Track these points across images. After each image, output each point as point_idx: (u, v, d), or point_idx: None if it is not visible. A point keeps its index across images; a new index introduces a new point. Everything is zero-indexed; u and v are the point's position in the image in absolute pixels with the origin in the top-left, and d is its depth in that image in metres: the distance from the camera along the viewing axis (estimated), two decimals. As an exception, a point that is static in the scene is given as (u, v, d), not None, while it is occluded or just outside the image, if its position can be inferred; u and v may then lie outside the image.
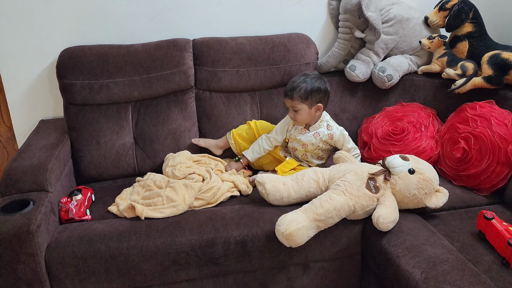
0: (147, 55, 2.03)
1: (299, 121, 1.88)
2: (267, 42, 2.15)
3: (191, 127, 2.10)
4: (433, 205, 1.63)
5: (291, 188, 1.69)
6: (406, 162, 1.63)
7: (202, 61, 2.10)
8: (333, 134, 1.90)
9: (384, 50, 2.22)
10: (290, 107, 1.86)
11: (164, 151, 2.06)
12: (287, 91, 1.83)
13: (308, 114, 1.85)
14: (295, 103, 1.82)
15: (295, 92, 1.81)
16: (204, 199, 1.75)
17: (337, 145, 1.94)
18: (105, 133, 2.02)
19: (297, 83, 1.82)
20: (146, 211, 1.67)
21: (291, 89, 1.82)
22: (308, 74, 1.86)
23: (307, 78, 1.83)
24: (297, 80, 1.84)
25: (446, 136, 1.96)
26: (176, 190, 1.73)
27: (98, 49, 2.03)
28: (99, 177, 2.03)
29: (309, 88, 1.80)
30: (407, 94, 2.23)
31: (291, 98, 1.82)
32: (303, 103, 1.82)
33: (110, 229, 1.60)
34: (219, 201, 1.77)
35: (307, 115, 1.85)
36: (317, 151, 1.95)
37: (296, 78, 1.85)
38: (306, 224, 1.54)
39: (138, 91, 2.05)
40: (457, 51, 2.16)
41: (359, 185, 1.62)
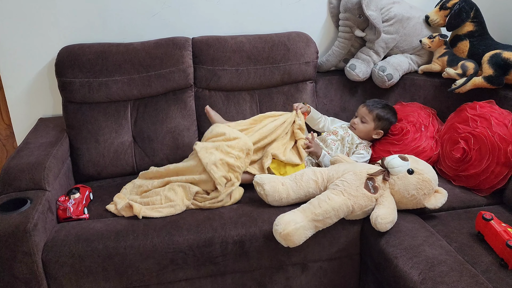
0: (147, 53, 2.03)
1: (358, 130, 2.01)
2: (267, 40, 2.14)
3: (190, 125, 2.09)
4: (432, 206, 1.62)
5: (290, 188, 1.69)
6: (405, 163, 1.62)
7: (201, 59, 2.09)
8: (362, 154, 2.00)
9: (384, 49, 2.20)
10: (361, 116, 1.98)
11: (163, 150, 2.05)
12: (370, 102, 2.00)
13: (368, 132, 2.00)
14: (369, 116, 1.97)
15: (376, 108, 1.98)
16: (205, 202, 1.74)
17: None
18: (104, 131, 2.01)
19: (381, 104, 2.00)
20: (144, 210, 1.66)
21: (375, 104, 1.99)
22: (388, 104, 2.04)
23: (387, 107, 2.02)
24: (381, 101, 2.03)
25: (446, 136, 1.95)
26: (175, 190, 1.72)
27: (97, 47, 2.02)
28: (98, 176, 2.02)
29: (386, 115, 1.98)
30: (407, 93, 2.22)
31: (369, 109, 1.98)
32: (373, 121, 1.97)
33: (107, 228, 1.60)
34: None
35: (367, 131, 2.00)
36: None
37: (380, 100, 2.05)
38: (304, 224, 1.53)
39: (137, 89, 2.04)
40: (457, 50, 2.14)
41: (358, 185, 1.61)
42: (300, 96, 2.20)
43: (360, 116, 2.00)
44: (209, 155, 1.73)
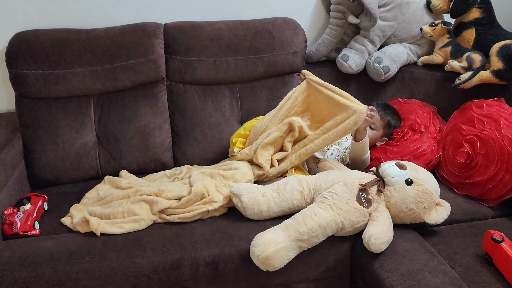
0: (111, 41, 1.78)
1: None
2: (249, 27, 1.90)
3: (162, 124, 1.86)
4: (433, 221, 1.42)
5: (271, 200, 1.47)
6: (403, 172, 1.41)
7: (174, 49, 1.85)
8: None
9: (380, 38, 1.97)
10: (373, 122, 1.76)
11: (131, 152, 1.83)
12: (379, 107, 1.81)
13: (375, 139, 1.81)
14: (379, 122, 1.79)
15: (387, 114, 1.80)
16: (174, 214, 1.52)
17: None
18: (63, 131, 1.77)
19: (390, 109, 1.84)
20: (103, 226, 1.44)
21: (385, 109, 1.82)
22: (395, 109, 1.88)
23: (395, 112, 1.86)
24: (388, 106, 1.86)
25: (449, 138, 1.74)
26: (140, 203, 1.50)
27: (54, 34, 1.77)
28: (57, 181, 1.80)
29: (396, 123, 1.82)
30: (405, 88, 2.00)
31: (381, 115, 1.79)
32: (383, 129, 1.80)
33: (59, 248, 1.38)
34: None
35: (374, 139, 1.81)
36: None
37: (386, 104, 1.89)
38: (286, 244, 1.32)
39: (101, 83, 1.80)
40: (462, 40, 1.92)
41: (349, 198, 1.40)
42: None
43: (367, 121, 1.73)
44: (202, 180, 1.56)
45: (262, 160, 1.62)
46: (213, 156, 1.88)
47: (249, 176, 1.60)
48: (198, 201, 1.52)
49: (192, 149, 1.88)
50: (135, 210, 1.49)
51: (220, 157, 1.88)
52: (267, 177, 1.65)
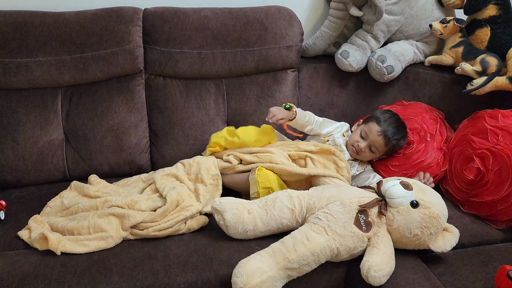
0: (81, 27, 1.57)
1: (362, 157, 1.60)
2: (239, 16, 1.69)
3: (138, 122, 1.67)
4: (439, 249, 1.26)
5: (258, 218, 1.29)
6: (408, 192, 1.24)
7: (154, 38, 1.64)
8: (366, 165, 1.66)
9: (385, 34, 1.78)
10: (372, 143, 1.55)
11: (102, 152, 1.63)
12: (389, 129, 1.54)
13: (372, 157, 1.61)
14: (382, 149, 1.57)
15: (395, 139, 1.55)
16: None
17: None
18: (25, 127, 1.58)
19: (399, 129, 1.57)
20: (64, 243, 1.26)
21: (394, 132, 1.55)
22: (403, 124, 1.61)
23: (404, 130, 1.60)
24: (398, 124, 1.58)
25: (457, 150, 1.57)
26: (109, 217, 1.32)
27: (16, 16, 1.56)
28: (18, 183, 1.60)
29: (401, 144, 1.59)
30: (409, 89, 1.82)
31: (386, 144, 1.55)
32: (384, 152, 1.59)
33: (10, 270, 1.19)
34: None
35: (372, 157, 1.60)
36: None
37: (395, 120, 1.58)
38: (273, 274, 1.15)
39: (69, 74, 1.59)
40: (475, 39, 1.74)
41: (346, 221, 1.23)
42: (278, 88, 1.77)
43: (370, 143, 1.55)
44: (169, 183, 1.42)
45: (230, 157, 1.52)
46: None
47: (213, 170, 1.49)
48: (174, 209, 1.35)
49: (172, 151, 1.69)
50: (102, 226, 1.30)
51: (202, 161, 1.70)
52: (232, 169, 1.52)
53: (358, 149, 1.56)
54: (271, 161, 1.48)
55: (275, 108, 1.53)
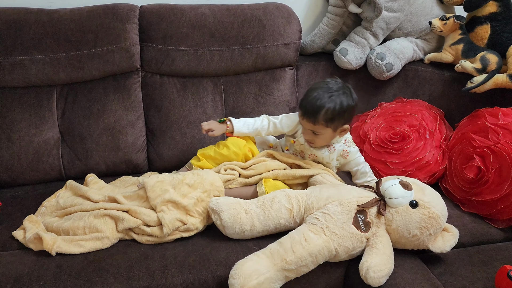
0: (77, 25, 1.55)
1: (317, 144, 1.47)
2: (236, 14, 1.67)
3: (135, 121, 1.65)
4: (438, 249, 1.25)
5: (255, 218, 1.28)
6: (408, 192, 1.22)
7: (150, 35, 1.62)
8: (349, 152, 1.50)
9: (384, 31, 1.76)
10: (309, 129, 1.41)
11: (98, 151, 1.61)
12: (308, 113, 1.37)
13: (330, 137, 1.45)
14: (318, 128, 1.39)
15: (320, 116, 1.36)
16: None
17: (348, 167, 1.53)
18: (20, 126, 1.56)
19: (321, 102, 1.35)
20: (59, 244, 1.24)
21: (313, 112, 1.36)
22: (330, 86, 1.39)
23: (332, 95, 1.36)
24: (319, 96, 1.36)
25: (457, 148, 1.55)
26: (105, 218, 1.30)
27: (10, 13, 1.54)
28: (13, 183, 1.58)
29: (337, 109, 1.36)
30: (409, 87, 1.81)
31: (313, 122, 1.37)
32: (328, 127, 1.39)
33: (5, 271, 1.18)
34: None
35: (329, 138, 1.45)
36: (330, 166, 1.52)
37: (317, 94, 1.36)
38: (271, 275, 1.14)
39: (64, 72, 1.57)
40: (474, 36, 1.72)
41: (345, 221, 1.21)
42: (276, 86, 1.76)
43: (308, 130, 1.43)
44: (162, 193, 1.32)
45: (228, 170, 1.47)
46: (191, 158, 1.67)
47: (218, 183, 1.39)
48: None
49: (169, 150, 1.67)
50: (98, 226, 1.28)
51: (200, 160, 1.68)
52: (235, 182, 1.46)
53: (307, 140, 1.46)
54: (268, 169, 1.45)
55: (205, 123, 1.48)
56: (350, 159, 1.51)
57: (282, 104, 1.77)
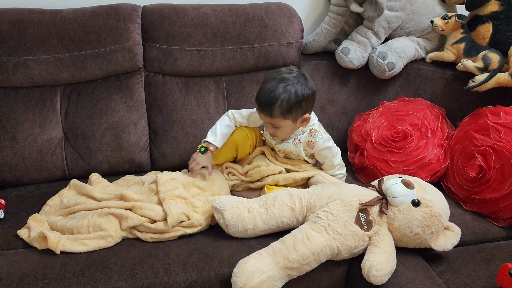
0: (79, 25, 1.56)
1: (280, 137, 1.45)
2: (238, 13, 1.68)
3: (138, 120, 1.65)
4: (440, 248, 1.25)
5: (258, 216, 1.29)
6: (409, 191, 1.23)
7: (153, 35, 1.63)
8: (314, 143, 1.45)
9: (386, 30, 1.76)
10: (268, 123, 1.38)
11: (101, 151, 1.62)
12: (263, 106, 1.32)
13: (292, 129, 1.41)
14: (276, 121, 1.35)
15: (275, 108, 1.31)
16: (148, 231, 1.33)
17: (317, 157, 1.50)
18: (24, 125, 1.56)
19: (275, 94, 1.29)
20: (64, 243, 1.25)
21: (268, 104, 1.31)
22: (284, 76, 1.32)
23: (287, 84, 1.30)
24: (272, 88, 1.30)
25: (459, 147, 1.56)
26: (108, 217, 1.31)
27: (13, 14, 1.54)
28: (17, 182, 1.59)
29: (293, 99, 1.30)
30: (411, 86, 1.81)
31: (269, 115, 1.33)
32: (287, 119, 1.34)
33: (9, 269, 1.19)
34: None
35: (290, 130, 1.41)
36: (302, 158, 1.51)
37: (270, 85, 1.31)
38: (273, 273, 1.15)
39: (67, 72, 1.58)
40: (476, 35, 1.72)
41: (347, 220, 1.22)
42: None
43: (268, 124, 1.40)
44: (173, 188, 1.35)
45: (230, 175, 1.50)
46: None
47: (226, 189, 1.42)
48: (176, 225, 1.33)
49: (171, 149, 1.68)
50: (102, 225, 1.29)
51: (202, 159, 1.69)
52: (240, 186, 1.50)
53: (270, 134, 1.43)
54: (263, 175, 1.46)
55: (192, 162, 1.47)
56: (317, 149, 1.46)
57: (284, 103, 1.77)
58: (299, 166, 1.49)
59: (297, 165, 1.49)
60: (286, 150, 1.49)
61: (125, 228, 1.30)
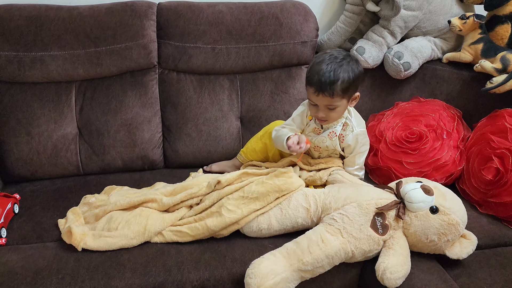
0: (96, 21, 1.56)
1: (331, 120, 1.42)
2: (253, 11, 1.67)
3: (151, 117, 1.66)
4: (455, 256, 1.24)
5: (273, 217, 1.28)
6: (429, 198, 1.21)
7: (168, 32, 1.62)
8: (344, 136, 1.45)
9: (402, 30, 1.74)
10: (325, 105, 1.36)
11: (115, 147, 1.63)
12: (325, 86, 1.29)
13: (344, 109, 1.40)
14: (335, 100, 1.33)
15: (337, 86, 1.30)
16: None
17: (344, 152, 1.50)
18: (39, 121, 1.57)
19: (336, 72, 1.30)
20: (87, 241, 1.25)
21: (331, 83, 1.29)
22: (337, 56, 1.33)
23: (342, 64, 1.31)
24: (331, 68, 1.30)
25: (475, 149, 1.54)
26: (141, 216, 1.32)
27: (31, 10, 1.55)
28: (32, 177, 1.60)
29: (351, 77, 1.32)
30: (427, 87, 1.79)
31: (331, 95, 1.31)
32: (344, 98, 1.34)
33: (25, 264, 1.20)
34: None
35: (343, 110, 1.40)
36: (336, 153, 1.50)
37: (328, 66, 1.30)
38: (287, 275, 1.14)
39: (83, 68, 1.59)
40: (495, 36, 1.70)
41: (362, 223, 1.21)
42: (292, 84, 1.75)
43: (323, 107, 1.36)
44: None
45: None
46: (207, 155, 1.68)
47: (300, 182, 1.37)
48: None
49: (185, 147, 1.68)
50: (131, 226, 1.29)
51: (215, 157, 1.69)
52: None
53: (320, 119, 1.40)
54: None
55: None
56: (346, 144, 1.46)
57: (298, 102, 1.74)
58: (332, 162, 1.47)
59: (329, 161, 1.48)
60: (322, 147, 1.47)
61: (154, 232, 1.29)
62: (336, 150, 1.48)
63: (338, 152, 1.49)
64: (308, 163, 1.51)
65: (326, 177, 1.45)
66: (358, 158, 1.48)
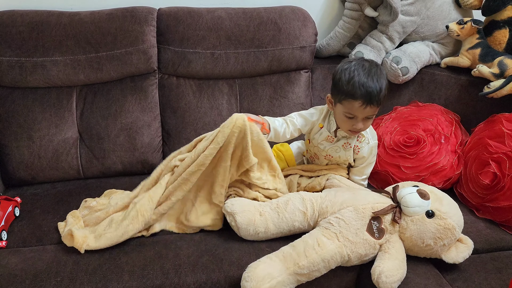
0: (96, 27, 1.58)
1: (365, 129, 1.39)
2: (252, 17, 1.68)
3: (151, 122, 1.67)
4: (451, 260, 1.24)
5: (270, 220, 1.29)
6: (425, 202, 1.21)
7: (168, 38, 1.64)
8: (360, 148, 1.44)
9: (400, 35, 1.76)
10: (364, 116, 1.32)
11: (115, 151, 1.64)
12: (374, 96, 1.26)
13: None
14: (376, 110, 1.32)
15: (383, 94, 1.29)
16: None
17: (355, 162, 1.49)
18: (41, 125, 1.59)
19: (378, 83, 1.27)
20: (89, 242, 1.26)
21: (378, 94, 1.27)
22: (366, 65, 1.30)
23: (373, 69, 1.29)
24: (372, 79, 1.27)
25: (472, 153, 1.54)
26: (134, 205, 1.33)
27: (33, 16, 1.57)
28: (33, 180, 1.62)
29: (387, 82, 1.32)
30: (425, 91, 1.79)
31: (378, 104, 1.30)
32: (378, 107, 1.33)
33: (24, 266, 1.21)
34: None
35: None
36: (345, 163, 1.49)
37: (368, 78, 1.27)
38: (283, 279, 1.15)
39: (84, 73, 1.60)
40: (492, 41, 1.70)
41: (359, 227, 1.21)
42: (291, 89, 1.77)
43: (363, 117, 1.33)
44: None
45: None
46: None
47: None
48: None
49: (184, 151, 1.69)
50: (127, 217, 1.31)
51: (214, 161, 1.70)
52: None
53: (359, 130, 1.36)
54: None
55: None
56: (361, 155, 1.45)
57: (297, 107, 1.77)
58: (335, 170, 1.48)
59: (333, 169, 1.48)
60: (334, 156, 1.46)
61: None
62: (348, 161, 1.48)
63: (348, 162, 1.49)
64: (311, 170, 1.52)
65: (324, 182, 1.46)
66: (366, 169, 1.50)
